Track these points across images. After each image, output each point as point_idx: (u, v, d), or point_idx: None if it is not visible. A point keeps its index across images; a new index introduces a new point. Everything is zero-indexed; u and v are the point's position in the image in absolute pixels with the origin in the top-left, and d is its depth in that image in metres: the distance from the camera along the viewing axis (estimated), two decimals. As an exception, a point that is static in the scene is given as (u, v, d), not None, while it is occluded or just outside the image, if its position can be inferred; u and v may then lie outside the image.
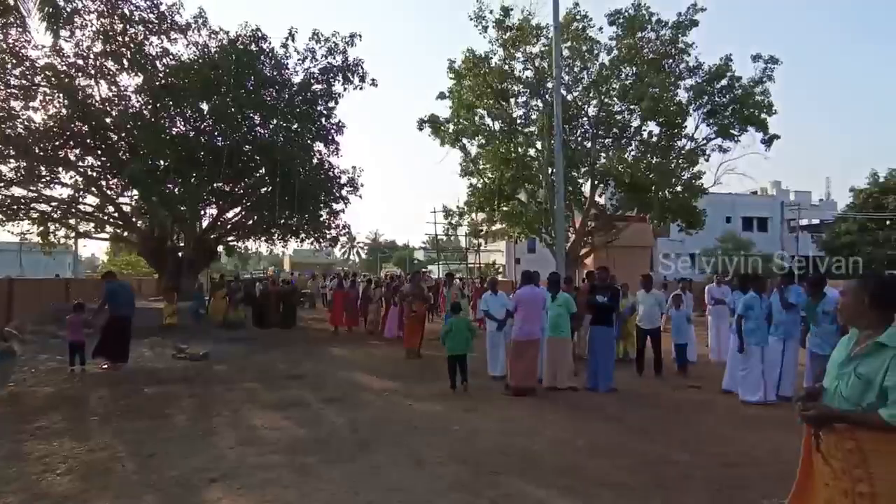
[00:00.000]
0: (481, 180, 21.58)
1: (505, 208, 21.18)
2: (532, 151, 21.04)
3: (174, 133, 16.68)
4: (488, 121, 21.41)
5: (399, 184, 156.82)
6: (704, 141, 19.86)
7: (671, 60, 19.43)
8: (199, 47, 16.95)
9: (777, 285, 7.92)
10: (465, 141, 21.78)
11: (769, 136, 18.79)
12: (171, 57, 16.64)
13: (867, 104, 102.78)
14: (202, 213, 18.87)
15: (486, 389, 8.18)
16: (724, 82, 18.98)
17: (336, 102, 18.55)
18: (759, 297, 7.62)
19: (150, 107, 16.55)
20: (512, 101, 20.89)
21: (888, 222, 31.11)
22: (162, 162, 16.09)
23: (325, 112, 18.64)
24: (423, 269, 44.52)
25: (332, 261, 76.62)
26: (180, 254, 19.00)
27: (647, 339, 9.37)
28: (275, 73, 17.31)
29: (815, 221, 43.46)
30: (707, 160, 20.20)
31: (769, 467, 4.75)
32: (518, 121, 21.12)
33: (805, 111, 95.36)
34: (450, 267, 33.79)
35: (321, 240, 20.63)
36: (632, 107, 19.17)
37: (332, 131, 18.99)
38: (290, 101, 17.68)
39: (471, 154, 22.03)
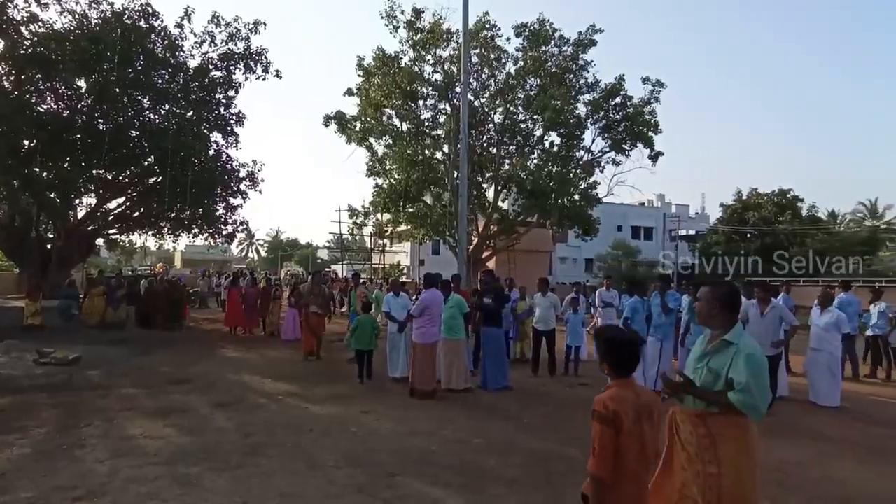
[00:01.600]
0: (387, 181, 21.48)
1: (410, 210, 21.24)
2: (439, 154, 21.30)
3: (43, 110, 14.86)
4: (396, 121, 21.39)
5: (303, 181, 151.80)
6: (600, 153, 21.24)
7: (572, 75, 20.57)
8: (77, 17, 15.23)
9: (658, 290, 8.61)
10: (371, 140, 21.58)
11: (655, 153, 20.48)
12: (40, 24, 14.80)
13: (735, 127, 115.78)
14: (77, 201, 17.00)
15: (384, 391, 8.12)
16: (617, 100, 20.42)
17: (236, 92, 17.57)
18: (642, 300, 8.30)
19: (12, 78, 14.62)
20: (420, 102, 21.02)
21: (749, 235, 35.13)
22: (26, 142, 14.27)
23: (223, 101, 17.57)
24: (326, 269, 43.44)
25: (229, 258, 72.63)
26: (49, 246, 16.98)
27: (543, 340, 9.80)
28: (167, 55, 16.00)
29: (692, 232, 48.01)
30: (602, 171, 21.64)
31: (645, 457, 5.15)
32: (426, 123, 21.29)
33: (686, 132, 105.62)
34: (354, 267, 33.20)
35: (216, 235, 19.40)
36: (535, 116, 20.02)
37: (232, 122, 17.96)
38: (184, 86, 16.44)
39: (377, 154, 21.88)
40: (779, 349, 7.66)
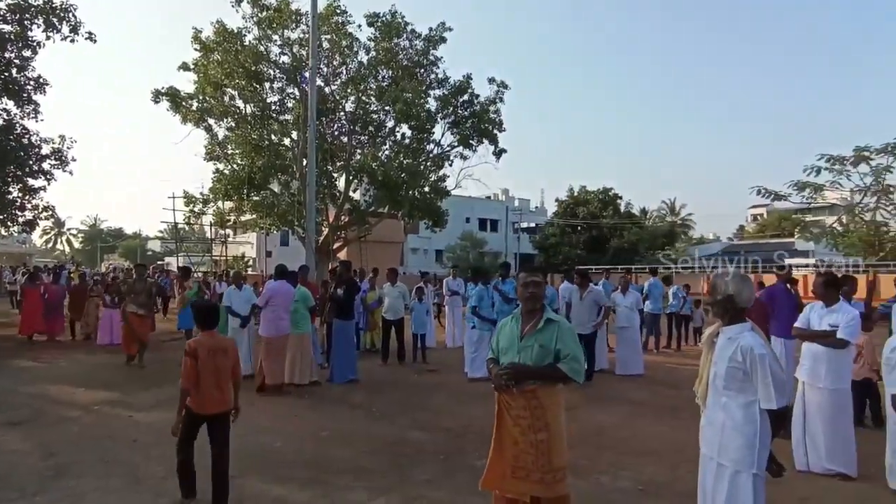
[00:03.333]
0: (229, 166, 19.93)
1: (255, 198, 20.01)
2: (287, 141, 20.33)
3: None
4: (239, 103, 19.90)
5: (131, 163, 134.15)
6: (449, 148, 21.94)
7: (423, 70, 20.93)
8: None
9: (498, 278, 9.19)
10: (211, 121, 19.82)
11: (499, 150, 21.75)
12: None
13: (570, 128, 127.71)
14: None
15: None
16: (465, 97, 21.26)
17: (34, 52, 14.85)
18: (486, 288, 8.80)
19: None
20: (267, 85, 19.82)
21: (579, 228, 39.25)
22: None
23: (16, 62, 14.75)
24: (159, 262, 39.10)
25: (31, 251, 61.57)
26: None
27: (392, 329, 9.91)
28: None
29: (533, 224, 52.15)
30: (451, 165, 22.38)
31: (486, 433, 5.47)
32: (273, 107, 20.16)
33: (529, 130, 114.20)
34: (191, 259, 30.22)
35: (9, 223, 16.28)
36: (387, 108, 20.02)
37: (29, 88, 15.16)
38: (-42, 39, 13.49)
39: (218, 137, 20.18)
40: (597, 328, 8.71)
